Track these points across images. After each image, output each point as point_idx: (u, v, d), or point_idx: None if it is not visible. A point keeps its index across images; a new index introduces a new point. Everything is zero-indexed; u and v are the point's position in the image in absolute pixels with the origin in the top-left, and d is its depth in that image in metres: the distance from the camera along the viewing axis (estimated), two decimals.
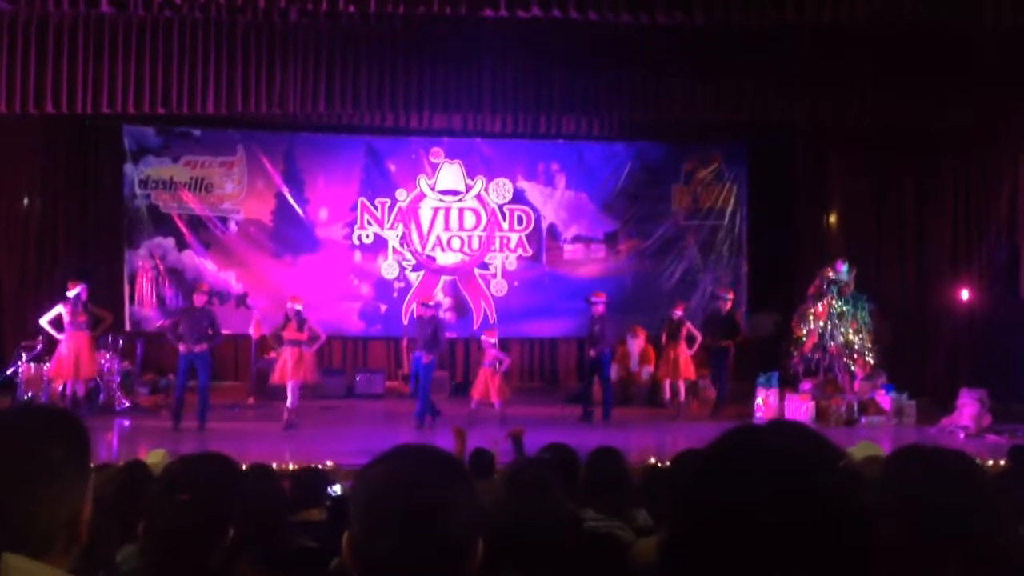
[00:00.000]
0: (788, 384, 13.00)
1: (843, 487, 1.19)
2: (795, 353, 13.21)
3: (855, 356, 12.83)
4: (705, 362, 14.24)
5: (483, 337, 12.85)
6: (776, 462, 1.19)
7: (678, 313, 13.44)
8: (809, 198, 16.52)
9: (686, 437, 10.83)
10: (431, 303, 12.79)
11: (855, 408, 12.45)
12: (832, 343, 12.86)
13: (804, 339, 13.10)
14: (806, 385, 12.86)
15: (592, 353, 12.79)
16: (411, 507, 1.41)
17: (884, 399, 12.55)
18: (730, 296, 14.08)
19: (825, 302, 12.96)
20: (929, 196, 14.51)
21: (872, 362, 12.87)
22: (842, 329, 12.86)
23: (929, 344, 14.10)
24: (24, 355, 12.14)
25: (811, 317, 13.05)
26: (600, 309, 12.84)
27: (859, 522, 1.18)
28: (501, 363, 12.39)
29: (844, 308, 12.89)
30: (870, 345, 12.93)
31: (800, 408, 12.32)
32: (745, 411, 12.82)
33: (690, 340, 13.32)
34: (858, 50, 11.58)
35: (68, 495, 1.44)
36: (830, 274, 13.08)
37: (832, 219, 16.21)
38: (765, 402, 12.51)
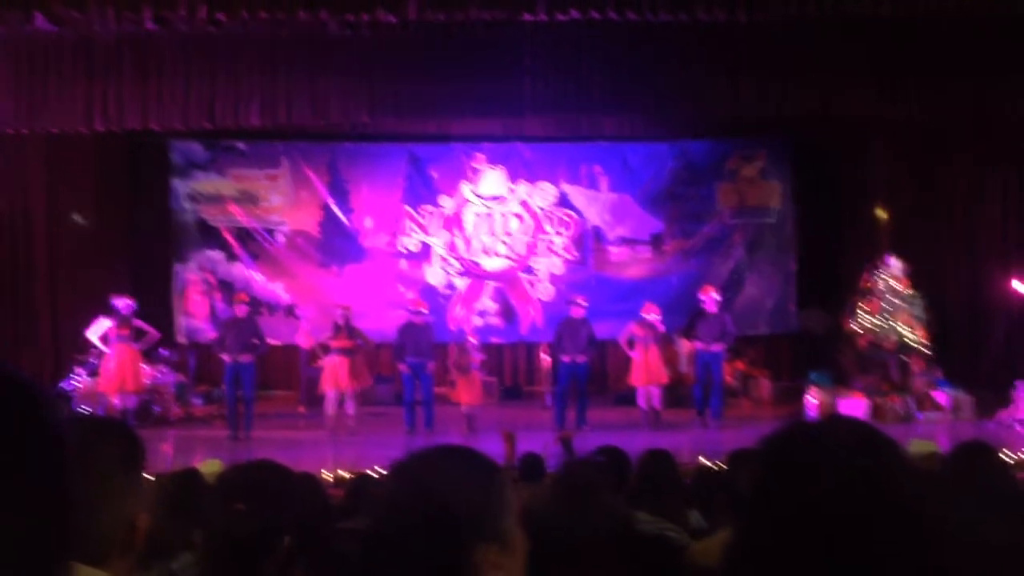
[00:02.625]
0: (841, 382, 12.83)
1: (908, 480, 1.18)
2: (848, 350, 13.04)
3: (910, 351, 12.63)
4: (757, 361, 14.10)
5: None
6: (839, 456, 1.18)
7: (651, 314, 12.57)
8: (856, 192, 16.30)
9: (736, 438, 10.73)
10: (423, 310, 12.72)
11: (911, 404, 12.26)
12: (886, 340, 12.67)
13: (857, 336, 12.93)
14: (859, 383, 12.68)
15: (566, 359, 12.20)
16: (413, 507, 1.39)
17: (940, 394, 12.36)
18: (713, 294, 12.86)
19: (877, 297, 12.78)
20: (980, 186, 14.28)
21: (927, 357, 12.67)
22: (895, 324, 12.66)
23: (984, 337, 13.85)
24: (78, 369, 12.32)
25: (863, 313, 12.88)
26: (580, 312, 12.46)
27: (926, 515, 1.16)
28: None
29: (897, 303, 12.70)
30: (924, 340, 12.73)
31: (854, 406, 12.14)
32: (797, 410, 12.67)
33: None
34: (904, 41, 11.42)
35: (123, 503, 1.46)
36: (881, 269, 12.90)
37: (881, 213, 15.98)
38: (819, 400, 12.34)
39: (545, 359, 14.76)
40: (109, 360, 11.45)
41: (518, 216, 16.69)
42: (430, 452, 1.57)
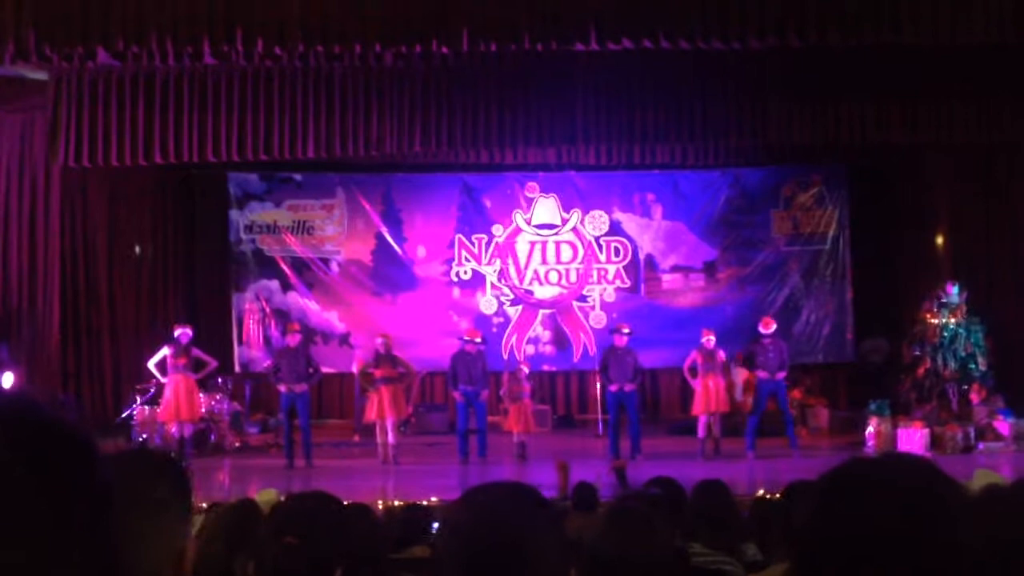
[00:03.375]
0: (900, 411, 12.60)
1: (968, 521, 1.16)
2: (906, 379, 12.81)
3: (970, 380, 12.38)
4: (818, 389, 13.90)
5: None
6: (898, 496, 1.16)
7: (711, 340, 12.37)
8: (914, 219, 16.08)
9: (793, 468, 10.57)
10: (477, 339, 12.66)
11: (972, 434, 11.99)
12: (945, 368, 12.44)
13: (915, 364, 12.71)
14: (919, 412, 12.45)
15: (613, 388, 11.98)
16: (495, 549, 1.39)
17: (1002, 424, 12.07)
18: (773, 325, 12.47)
19: (937, 326, 12.56)
20: None
21: (988, 386, 12.41)
22: (955, 353, 12.43)
23: None
24: (138, 398, 12.51)
25: (922, 342, 12.66)
26: (624, 340, 12.31)
27: (984, 555, 1.14)
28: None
29: (957, 331, 12.47)
30: (985, 369, 12.47)
31: (914, 436, 11.91)
32: (857, 440, 12.46)
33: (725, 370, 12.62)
34: (959, 67, 11.29)
35: (173, 536, 1.48)
36: (941, 297, 12.69)
37: (939, 240, 15.75)
38: (877, 431, 12.13)
39: (597, 388, 14.69)
40: (167, 389, 11.60)
41: (571, 244, 16.69)
42: (499, 487, 1.58)
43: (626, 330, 12.36)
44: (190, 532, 1.53)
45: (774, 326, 12.39)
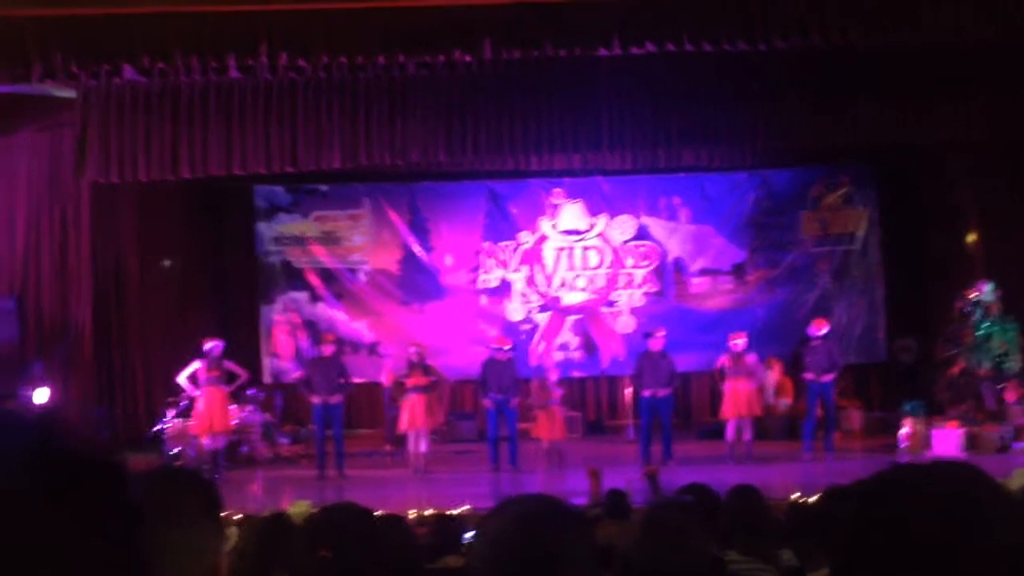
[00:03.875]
0: (935, 412, 12.47)
1: (1009, 524, 1.13)
2: (941, 379, 12.68)
3: (1005, 379, 12.23)
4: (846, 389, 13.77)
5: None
6: (936, 502, 1.14)
7: (739, 343, 12.28)
8: (945, 218, 15.92)
9: (827, 471, 10.48)
10: (507, 347, 12.61)
11: (1007, 433, 11.85)
12: (980, 367, 12.30)
13: (949, 364, 12.58)
14: (953, 412, 12.31)
15: (647, 393, 11.93)
16: (530, 560, 1.38)
17: None
18: (823, 326, 12.48)
19: (971, 325, 12.42)
20: None
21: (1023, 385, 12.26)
22: (990, 352, 12.28)
23: None
24: (170, 411, 12.58)
25: (956, 341, 12.53)
26: (659, 344, 12.23)
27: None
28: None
29: (991, 330, 12.33)
30: (1020, 367, 12.31)
31: (949, 437, 11.78)
32: (890, 442, 12.34)
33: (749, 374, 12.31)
34: (983, 66, 11.17)
35: (205, 551, 1.48)
36: (974, 295, 12.55)
37: (971, 238, 15.58)
38: (911, 432, 12.00)
39: (628, 393, 14.63)
40: (199, 403, 11.66)
41: (598, 250, 16.65)
42: (533, 499, 1.57)
43: (660, 334, 12.32)
44: (222, 548, 1.53)
45: (826, 328, 12.28)
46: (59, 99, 12.02)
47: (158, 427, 12.73)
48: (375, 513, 5.10)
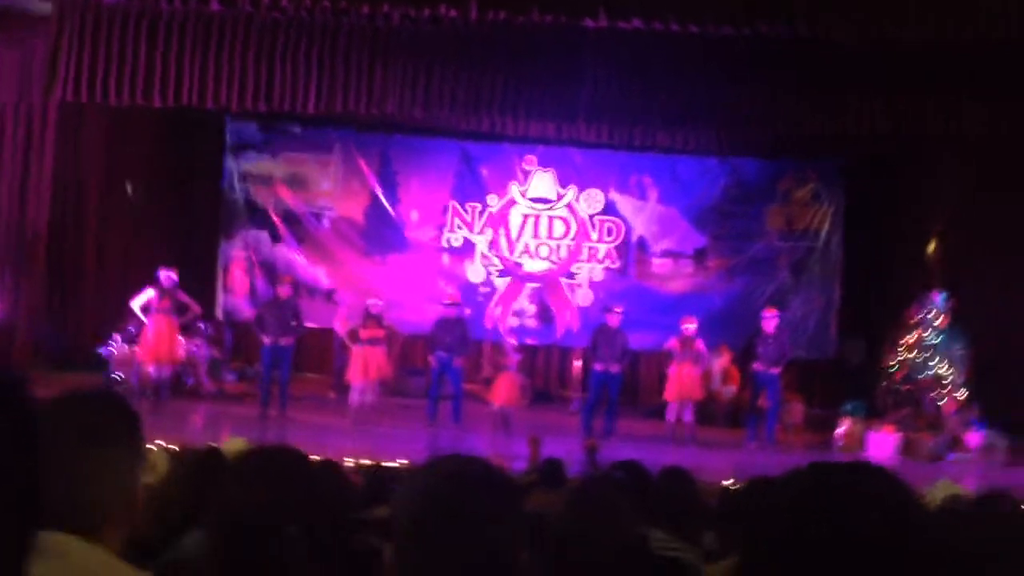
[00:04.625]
0: (875, 414, 12.68)
1: (924, 537, 1.17)
2: (884, 383, 12.88)
3: (946, 390, 12.46)
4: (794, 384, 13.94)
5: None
6: (852, 504, 1.17)
7: (690, 328, 12.36)
8: (909, 222, 16.11)
9: (764, 462, 10.66)
10: (455, 302, 12.62)
11: (943, 443, 12.09)
12: (923, 375, 12.51)
13: (894, 369, 12.78)
14: (893, 416, 12.53)
15: (599, 367, 12.02)
16: (455, 520, 1.40)
17: (974, 435, 12.16)
18: (775, 316, 12.54)
19: (919, 333, 12.62)
20: None
21: (964, 397, 12.48)
22: (934, 361, 12.49)
23: None
24: (117, 336, 12.49)
25: (903, 347, 12.72)
26: (616, 320, 12.28)
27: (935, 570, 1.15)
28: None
29: (937, 340, 12.53)
30: (962, 379, 12.54)
31: (886, 440, 12.00)
32: (827, 439, 12.54)
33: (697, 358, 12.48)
34: (961, 65, 11.25)
35: (123, 474, 1.49)
36: (926, 304, 12.73)
37: (932, 246, 15.77)
38: (848, 431, 12.21)
39: (577, 365, 14.71)
40: (148, 330, 11.57)
41: (564, 220, 16.68)
42: (462, 460, 1.59)
43: (618, 310, 12.38)
44: (139, 473, 1.54)
45: (776, 318, 12.32)
46: (34, 14, 11.79)
47: (104, 349, 12.62)
48: (312, 458, 5.12)
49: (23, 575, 0.81)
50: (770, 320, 12.13)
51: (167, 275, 11.69)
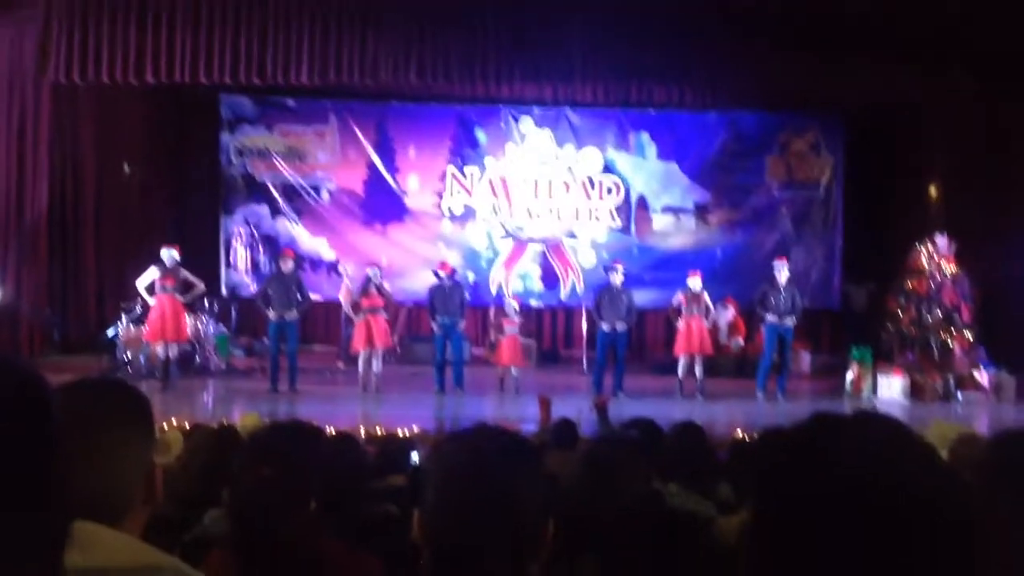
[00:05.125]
0: (883, 358, 12.70)
1: (933, 486, 1.17)
2: (891, 327, 12.89)
3: (953, 331, 12.46)
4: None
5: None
6: (861, 458, 1.17)
7: (696, 282, 12.22)
8: (908, 170, 16.06)
9: (774, 412, 10.70)
10: (448, 271, 12.55)
11: (952, 384, 12.11)
12: (930, 318, 12.51)
13: (900, 313, 12.78)
14: (900, 360, 12.55)
15: (606, 327, 11.87)
16: (481, 493, 1.41)
17: (982, 375, 12.19)
18: (787, 266, 12.35)
19: (924, 276, 12.60)
20: None
21: (971, 337, 12.49)
22: (940, 303, 12.49)
23: None
24: (123, 317, 12.50)
25: (909, 291, 12.71)
26: (619, 279, 12.11)
27: (946, 524, 1.15)
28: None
29: (943, 282, 12.52)
30: (969, 320, 12.54)
31: (894, 384, 12.03)
32: (837, 385, 12.58)
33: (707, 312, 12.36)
34: (959, 19, 11.18)
35: (139, 457, 1.50)
36: (929, 247, 12.70)
37: (932, 192, 15.74)
38: (857, 377, 12.24)
39: (583, 325, 14.73)
40: (153, 310, 11.58)
41: (563, 181, 16.63)
42: (489, 431, 1.60)
43: (619, 266, 12.34)
44: (151, 457, 1.55)
45: (786, 267, 12.21)
46: None
47: (111, 332, 12.65)
48: (329, 431, 5.15)
49: (61, 566, 0.82)
50: (781, 270, 12.05)
51: (169, 253, 11.67)
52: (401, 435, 7.47)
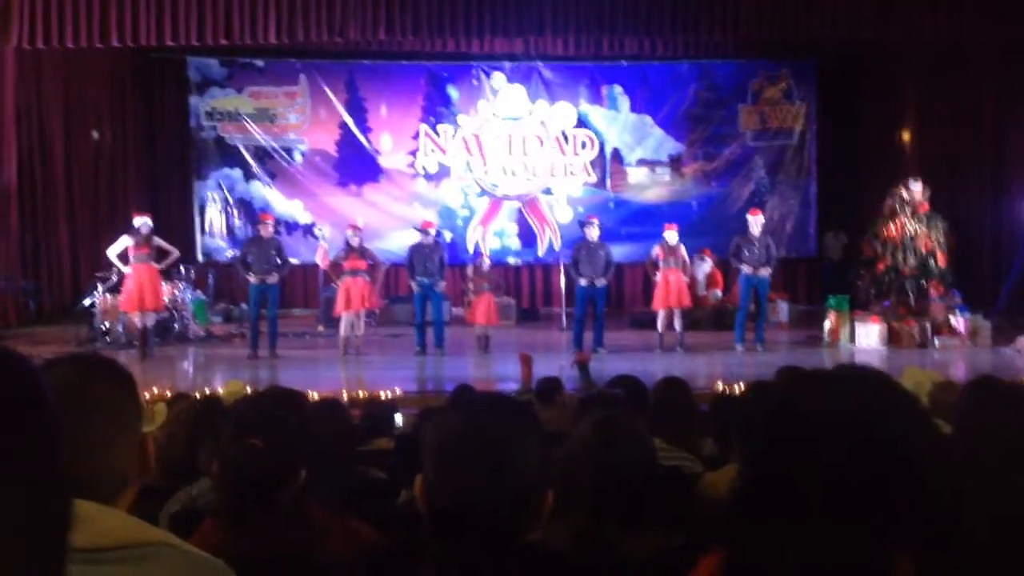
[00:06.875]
0: (859, 306, 12.77)
1: (915, 438, 1.18)
2: (866, 275, 12.95)
3: (929, 277, 12.54)
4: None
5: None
6: (846, 413, 1.18)
7: (672, 235, 12.09)
8: (880, 116, 16.11)
9: (754, 363, 10.76)
10: (430, 230, 12.46)
11: (928, 330, 12.21)
12: (905, 264, 12.58)
13: (875, 260, 12.84)
14: (877, 307, 12.63)
15: (584, 282, 11.76)
16: (482, 458, 1.41)
17: (958, 320, 12.29)
18: (760, 217, 12.22)
19: (898, 222, 12.65)
20: (1008, 110, 14.02)
21: (946, 283, 12.57)
22: (915, 249, 12.55)
23: (1006, 263, 13.75)
24: (99, 286, 12.38)
25: (883, 238, 12.76)
26: (596, 233, 12.03)
27: (930, 477, 1.16)
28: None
29: (917, 228, 12.58)
30: (944, 265, 12.62)
31: (871, 331, 12.12)
32: (815, 334, 12.66)
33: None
34: None
35: (132, 431, 1.49)
36: (903, 193, 12.74)
37: (905, 137, 15.79)
38: (835, 325, 12.31)
39: (561, 281, 14.72)
40: (129, 279, 11.47)
41: (537, 137, 16.56)
42: (488, 398, 1.60)
43: (594, 220, 12.29)
44: (141, 429, 1.54)
45: (761, 218, 12.21)
46: None
47: (87, 302, 12.53)
48: (312, 396, 5.14)
49: (67, 547, 0.81)
50: (755, 222, 12.05)
51: (143, 221, 11.53)
52: (384, 397, 7.47)
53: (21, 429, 0.77)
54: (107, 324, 12.18)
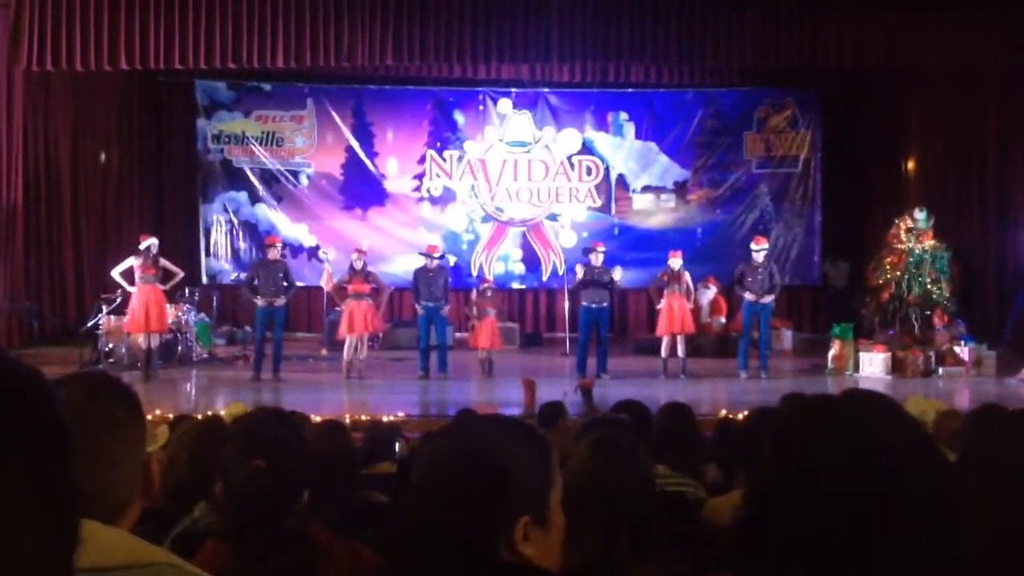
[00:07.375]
0: (863, 335, 12.75)
1: (922, 463, 1.18)
2: (871, 303, 12.94)
3: (933, 306, 12.52)
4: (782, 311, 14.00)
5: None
6: (850, 437, 1.18)
7: (677, 261, 12.08)
8: (884, 145, 16.14)
9: (757, 390, 10.73)
10: (435, 254, 12.48)
11: (932, 359, 12.18)
12: (909, 293, 12.56)
13: (880, 289, 12.83)
14: (881, 336, 12.60)
15: (587, 303, 11.82)
16: (480, 478, 1.37)
17: (962, 349, 12.26)
18: (764, 244, 12.26)
19: (903, 251, 12.65)
20: (1012, 139, 14.04)
21: (950, 312, 12.56)
22: (920, 278, 12.55)
23: (1010, 293, 13.72)
24: (104, 307, 12.40)
25: (888, 266, 12.76)
26: (599, 259, 11.99)
27: (934, 501, 1.16)
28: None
29: (922, 257, 12.58)
30: (948, 295, 12.60)
31: (876, 360, 12.09)
32: (819, 362, 12.62)
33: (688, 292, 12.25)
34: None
35: (136, 451, 1.49)
36: (908, 222, 12.75)
37: (909, 165, 15.81)
38: (839, 353, 12.28)
39: (564, 307, 14.71)
40: (135, 299, 11.48)
41: (542, 162, 16.61)
42: (489, 418, 1.57)
43: (600, 248, 12.30)
44: (145, 448, 1.54)
45: (766, 246, 12.22)
46: None
47: (92, 322, 12.54)
48: (315, 419, 5.13)
49: (72, 568, 0.81)
50: (759, 249, 12.05)
51: (151, 242, 11.55)
52: (387, 421, 7.45)
53: (37, 449, 0.77)
54: (111, 345, 12.18)
